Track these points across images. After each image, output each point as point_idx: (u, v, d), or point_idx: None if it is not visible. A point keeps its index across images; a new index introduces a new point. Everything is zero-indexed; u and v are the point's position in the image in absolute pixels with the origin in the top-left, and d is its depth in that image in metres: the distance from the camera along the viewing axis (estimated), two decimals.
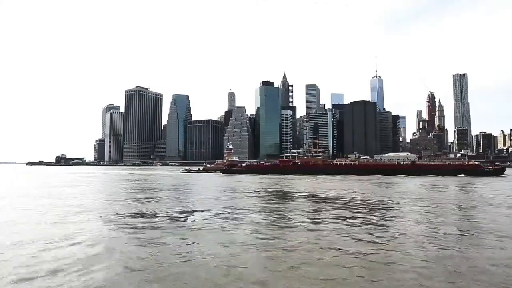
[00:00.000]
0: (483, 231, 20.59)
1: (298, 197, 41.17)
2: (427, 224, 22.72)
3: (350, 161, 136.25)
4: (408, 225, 22.45)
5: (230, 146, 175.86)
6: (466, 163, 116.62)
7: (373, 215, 26.38)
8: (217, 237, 18.86)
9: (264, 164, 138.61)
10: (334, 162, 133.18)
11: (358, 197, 40.69)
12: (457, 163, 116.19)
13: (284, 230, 20.95)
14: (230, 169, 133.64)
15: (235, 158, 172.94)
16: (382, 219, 24.82)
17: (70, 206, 32.45)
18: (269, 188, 55.67)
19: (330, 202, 35.45)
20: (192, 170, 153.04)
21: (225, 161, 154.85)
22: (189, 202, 36.67)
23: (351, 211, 28.79)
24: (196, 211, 29.43)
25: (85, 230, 20.83)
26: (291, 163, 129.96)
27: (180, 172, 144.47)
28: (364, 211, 28.76)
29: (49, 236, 19.03)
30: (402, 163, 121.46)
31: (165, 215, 26.91)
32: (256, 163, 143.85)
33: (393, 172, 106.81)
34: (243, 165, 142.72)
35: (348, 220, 24.25)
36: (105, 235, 19.57)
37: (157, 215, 27.00)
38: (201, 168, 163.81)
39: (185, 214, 27.51)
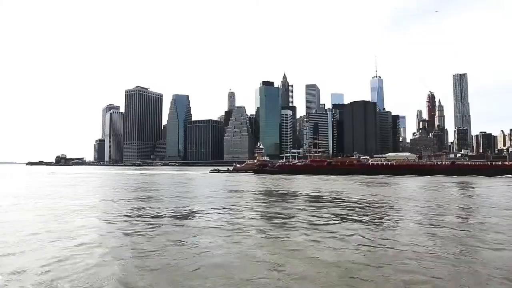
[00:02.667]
0: None
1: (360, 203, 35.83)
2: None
3: (385, 161, 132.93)
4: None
5: (261, 146, 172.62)
6: (509, 163, 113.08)
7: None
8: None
9: (297, 164, 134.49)
10: (370, 162, 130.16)
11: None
12: (499, 163, 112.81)
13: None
14: (262, 169, 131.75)
15: (266, 158, 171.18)
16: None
17: (83, 206, 32.52)
18: (319, 191, 50.08)
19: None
20: (221, 170, 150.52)
21: (255, 161, 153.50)
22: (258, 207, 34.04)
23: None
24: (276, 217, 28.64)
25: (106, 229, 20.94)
26: (325, 163, 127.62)
27: (209, 172, 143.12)
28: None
29: (55, 234, 19.15)
30: (439, 163, 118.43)
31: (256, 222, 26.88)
32: (288, 163, 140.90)
33: (431, 172, 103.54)
34: (276, 165, 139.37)
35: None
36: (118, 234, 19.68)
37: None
38: (231, 168, 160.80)
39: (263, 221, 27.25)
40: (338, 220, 24.48)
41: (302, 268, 13.43)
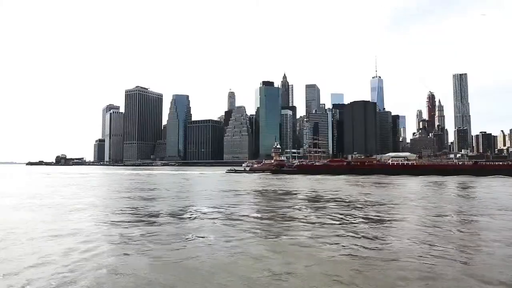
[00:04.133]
0: None
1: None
2: None
3: (406, 160, 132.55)
4: None
5: (278, 146, 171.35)
6: None
7: None
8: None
9: (315, 164, 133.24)
10: (390, 162, 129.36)
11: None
12: None
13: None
14: (280, 169, 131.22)
15: (283, 158, 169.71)
16: None
17: (91, 205, 32.55)
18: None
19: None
20: (237, 170, 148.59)
21: (273, 161, 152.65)
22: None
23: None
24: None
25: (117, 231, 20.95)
26: (344, 163, 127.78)
27: (226, 172, 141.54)
28: None
29: (55, 233, 19.17)
30: (460, 163, 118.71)
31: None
32: (306, 163, 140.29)
33: (453, 173, 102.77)
34: (294, 165, 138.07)
35: None
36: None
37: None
38: (247, 168, 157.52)
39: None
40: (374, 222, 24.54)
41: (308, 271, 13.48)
